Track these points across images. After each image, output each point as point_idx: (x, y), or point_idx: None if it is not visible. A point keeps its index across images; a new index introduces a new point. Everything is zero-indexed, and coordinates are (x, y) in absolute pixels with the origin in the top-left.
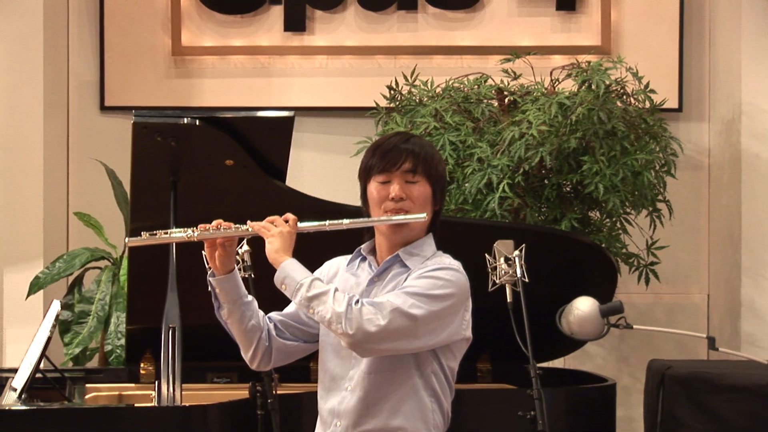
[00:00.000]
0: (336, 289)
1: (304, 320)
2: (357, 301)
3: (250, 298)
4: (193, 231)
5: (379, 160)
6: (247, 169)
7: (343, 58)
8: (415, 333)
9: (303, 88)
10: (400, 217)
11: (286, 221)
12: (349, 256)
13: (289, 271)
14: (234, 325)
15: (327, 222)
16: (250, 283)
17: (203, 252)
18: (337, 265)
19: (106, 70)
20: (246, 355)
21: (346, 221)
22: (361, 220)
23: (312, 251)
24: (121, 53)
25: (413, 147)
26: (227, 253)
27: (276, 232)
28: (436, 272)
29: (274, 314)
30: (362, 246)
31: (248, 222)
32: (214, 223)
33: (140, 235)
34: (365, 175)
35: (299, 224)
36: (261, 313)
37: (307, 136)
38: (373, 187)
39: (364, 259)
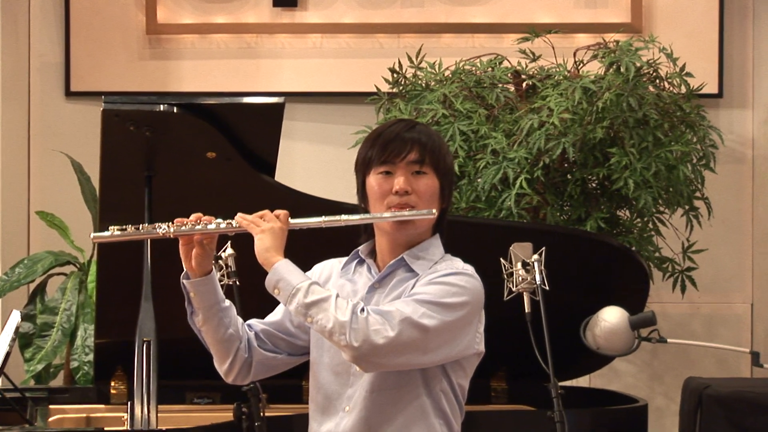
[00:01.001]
0: (337, 295)
1: (290, 330)
2: (362, 309)
3: (227, 303)
4: (168, 226)
5: (380, 151)
6: (231, 163)
7: (339, 37)
8: (426, 346)
9: (294, 71)
10: (406, 214)
11: (277, 216)
12: (342, 259)
13: (284, 274)
14: (209, 333)
15: (322, 218)
16: (235, 292)
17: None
18: (329, 269)
19: (72, 51)
20: (221, 368)
21: (343, 217)
22: (360, 216)
23: (301, 253)
24: (89, 31)
25: (419, 135)
26: (205, 252)
27: (266, 228)
28: (449, 278)
29: (254, 322)
30: (360, 248)
31: (235, 217)
32: (193, 217)
33: (108, 230)
34: (364, 168)
35: (291, 221)
36: (240, 320)
37: (299, 125)
38: (373, 179)
39: (361, 262)
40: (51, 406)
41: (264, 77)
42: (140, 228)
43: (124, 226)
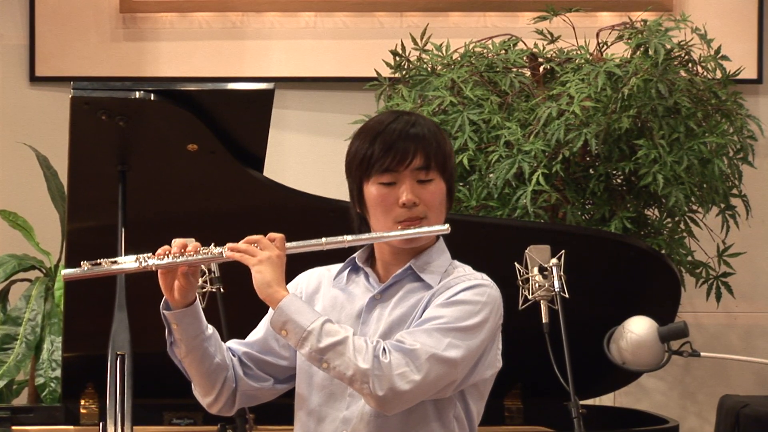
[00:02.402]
0: (354, 334)
1: (276, 350)
2: (384, 350)
3: (210, 329)
4: (148, 258)
5: (382, 154)
6: (214, 156)
7: (335, 15)
8: (454, 378)
9: (285, 54)
10: (417, 231)
11: (272, 242)
12: (331, 267)
13: (292, 314)
14: (193, 365)
15: (324, 239)
16: (219, 300)
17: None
18: (317, 278)
19: (37, 32)
20: (205, 399)
21: (348, 238)
22: (366, 236)
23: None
24: (56, 10)
25: (422, 131)
26: (189, 283)
27: (264, 258)
28: (466, 294)
29: (234, 345)
30: (356, 255)
31: (224, 247)
32: (177, 245)
33: (79, 266)
34: (361, 173)
35: (288, 244)
36: (224, 346)
37: (290, 114)
38: (374, 189)
39: (356, 270)
40: (14, 428)
41: (251, 60)
42: (117, 261)
43: (98, 260)
